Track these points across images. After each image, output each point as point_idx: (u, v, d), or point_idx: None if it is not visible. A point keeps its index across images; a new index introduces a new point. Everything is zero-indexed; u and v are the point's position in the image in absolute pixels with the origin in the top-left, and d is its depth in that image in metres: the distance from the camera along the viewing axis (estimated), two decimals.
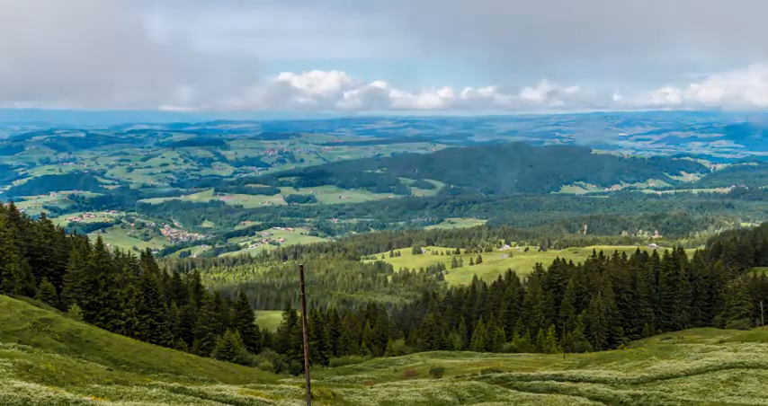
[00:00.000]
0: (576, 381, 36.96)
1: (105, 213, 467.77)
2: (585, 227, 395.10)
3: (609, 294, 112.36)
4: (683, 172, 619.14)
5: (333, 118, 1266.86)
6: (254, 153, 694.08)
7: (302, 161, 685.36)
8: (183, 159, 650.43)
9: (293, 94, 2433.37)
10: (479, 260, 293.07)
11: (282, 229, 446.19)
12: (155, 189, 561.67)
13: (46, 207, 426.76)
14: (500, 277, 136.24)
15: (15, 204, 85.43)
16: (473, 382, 37.87)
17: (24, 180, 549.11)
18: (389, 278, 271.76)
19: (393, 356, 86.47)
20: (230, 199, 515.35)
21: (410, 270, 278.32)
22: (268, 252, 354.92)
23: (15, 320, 40.70)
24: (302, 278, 23.17)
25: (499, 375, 41.04)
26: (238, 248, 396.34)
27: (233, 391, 27.97)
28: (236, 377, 48.11)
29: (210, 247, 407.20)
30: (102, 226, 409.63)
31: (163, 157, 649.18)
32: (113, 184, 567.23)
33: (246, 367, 62.18)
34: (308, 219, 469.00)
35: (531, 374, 40.93)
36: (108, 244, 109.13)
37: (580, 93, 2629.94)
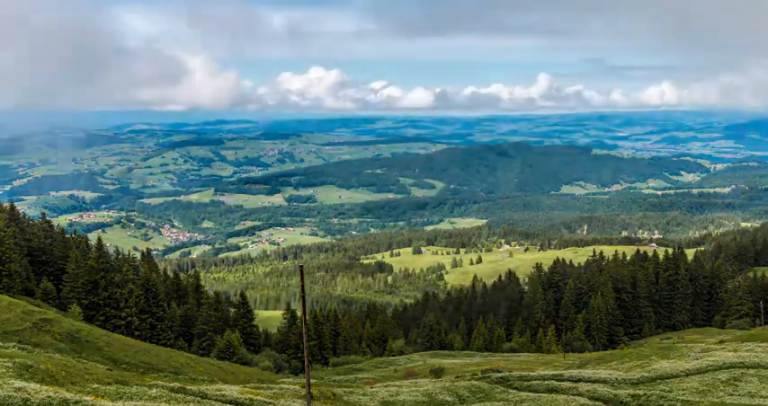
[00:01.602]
0: (576, 381, 36.96)
1: (105, 213, 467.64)
2: (585, 227, 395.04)
3: (609, 294, 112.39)
4: (683, 172, 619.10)
5: (333, 118, 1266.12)
6: (254, 153, 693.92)
7: (302, 161, 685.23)
8: (183, 159, 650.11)
9: (293, 94, 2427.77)
10: (479, 260, 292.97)
11: (282, 229, 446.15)
12: (155, 189, 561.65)
13: (46, 207, 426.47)
14: (500, 277, 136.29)
15: (15, 204, 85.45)
16: (473, 382, 37.87)
17: (24, 181, 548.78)
18: (389, 278, 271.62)
19: (393, 356, 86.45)
20: (230, 199, 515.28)
21: (410, 270, 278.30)
22: (268, 252, 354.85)
23: (15, 320, 40.71)
24: (302, 278, 23.13)
25: (499, 375, 41.06)
26: (238, 248, 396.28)
27: (233, 391, 27.97)
28: (236, 377, 48.12)
29: (210, 247, 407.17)
30: (102, 226, 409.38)
31: (163, 157, 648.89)
32: (113, 184, 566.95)
33: (246, 367, 62.19)
34: (308, 219, 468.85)
35: (531, 374, 40.94)
36: (108, 244, 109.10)
37: (580, 93, 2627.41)
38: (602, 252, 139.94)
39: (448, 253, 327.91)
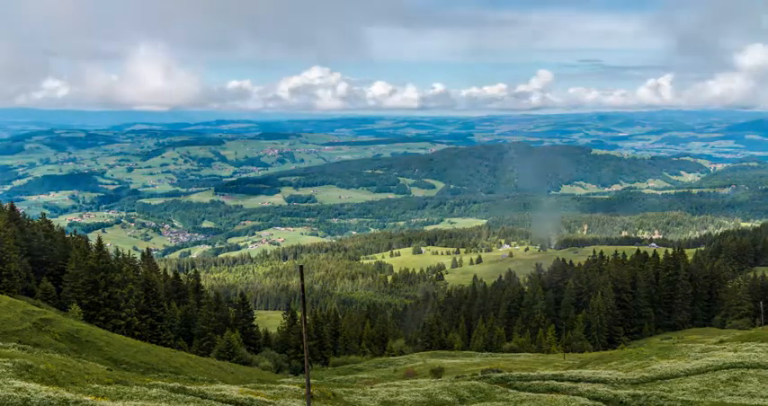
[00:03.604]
0: (576, 381, 36.95)
1: (105, 213, 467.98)
2: (585, 227, 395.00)
3: (609, 294, 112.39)
4: (683, 172, 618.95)
5: (333, 118, 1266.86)
6: (254, 153, 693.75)
7: (302, 161, 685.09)
8: (183, 159, 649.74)
9: (293, 94, 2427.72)
10: (479, 260, 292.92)
11: (282, 229, 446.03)
12: (155, 189, 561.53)
13: (46, 207, 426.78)
14: (500, 277, 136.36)
15: (15, 204, 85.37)
16: (473, 382, 37.87)
17: (24, 181, 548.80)
18: (389, 278, 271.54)
19: (393, 356, 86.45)
20: (230, 199, 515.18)
21: (410, 270, 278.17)
22: (268, 252, 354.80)
23: (15, 320, 40.72)
24: (302, 278, 23.11)
25: (499, 375, 41.05)
26: (238, 248, 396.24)
27: (233, 391, 27.96)
28: (236, 377, 48.15)
29: (210, 247, 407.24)
30: (102, 226, 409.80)
31: (163, 157, 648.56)
32: (113, 184, 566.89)
33: (246, 367, 62.21)
34: (308, 219, 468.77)
35: (531, 374, 40.92)
36: (108, 244, 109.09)
37: (580, 94, 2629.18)
38: (602, 252, 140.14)
39: (448, 253, 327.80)
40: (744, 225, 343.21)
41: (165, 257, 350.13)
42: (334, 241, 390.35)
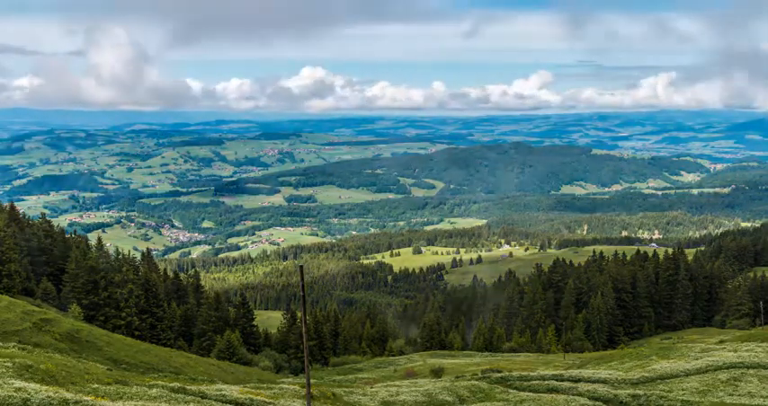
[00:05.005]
0: (576, 381, 36.96)
1: (105, 213, 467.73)
2: (585, 227, 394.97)
3: (609, 294, 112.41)
4: (683, 172, 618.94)
5: (333, 118, 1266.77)
6: (254, 153, 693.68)
7: (302, 161, 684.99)
8: (183, 159, 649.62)
9: (294, 94, 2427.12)
10: (479, 260, 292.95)
11: (282, 229, 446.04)
12: (155, 189, 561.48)
13: (46, 207, 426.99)
14: (500, 277, 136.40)
15: (15, 204, 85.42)
16: (473, 382, 37.87)
17: (24, 181, 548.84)
18: (389, 278, 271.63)
19: (393, 356, 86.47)
20: (230, 199, 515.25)
21: (410, 270, 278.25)
22: (268, 252, 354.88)
23: (15, 320, 40.72)
24: (302, 278, 23.09)
25: (499, 375, 41.07)
26: (238, 248, 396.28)
27: (233, 391, 27.96)
28: (236, 377, 48.16)
29: (210, 247, 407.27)
30: (102, 226, 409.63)
31: (163, 157, 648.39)
32: (113, 184, 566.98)
33: (246, 367, 62.22)
34: (307, 219, 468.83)
35: (531, 374, 40.93)
36: (108, 244, 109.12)
37: (579, 94, 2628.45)
38: (602, 252, 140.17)
39: (448, 253, 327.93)
40: (744, 225, 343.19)
41: (165, 257, 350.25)
42: (334, 241, 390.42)
